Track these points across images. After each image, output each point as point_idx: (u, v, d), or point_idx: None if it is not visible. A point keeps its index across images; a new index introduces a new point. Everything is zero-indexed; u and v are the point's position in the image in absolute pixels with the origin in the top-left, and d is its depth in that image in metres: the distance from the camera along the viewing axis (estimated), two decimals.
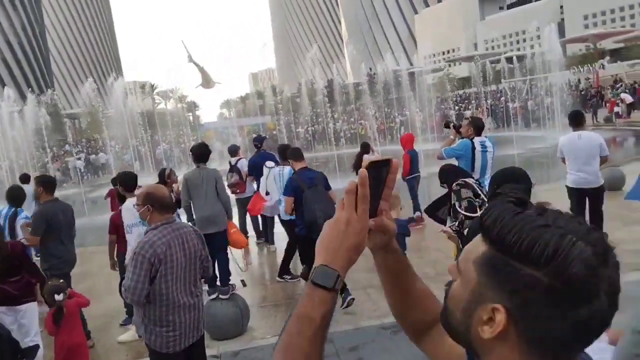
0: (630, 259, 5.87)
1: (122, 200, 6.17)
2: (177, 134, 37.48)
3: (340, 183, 14.47)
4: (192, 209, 6.41)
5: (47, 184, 5.67)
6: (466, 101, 43.80)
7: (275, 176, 7.16)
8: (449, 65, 76.33)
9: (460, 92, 56.73)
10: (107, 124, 29.24)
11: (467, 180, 3.92)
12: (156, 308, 3.25)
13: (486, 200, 3.76)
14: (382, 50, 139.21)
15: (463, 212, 3.81)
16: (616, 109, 26.29)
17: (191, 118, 65.79)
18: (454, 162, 5.92)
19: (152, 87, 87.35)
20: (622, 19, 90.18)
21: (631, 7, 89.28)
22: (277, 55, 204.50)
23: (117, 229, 5.70)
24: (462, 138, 6.14)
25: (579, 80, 42.50)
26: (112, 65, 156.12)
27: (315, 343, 0.85)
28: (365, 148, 9.32)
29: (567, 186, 6.51)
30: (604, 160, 6.38)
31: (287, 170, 6.86)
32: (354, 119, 37.70)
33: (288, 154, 6.37)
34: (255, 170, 8.22)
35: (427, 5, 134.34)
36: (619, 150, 12.16)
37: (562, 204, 9.24)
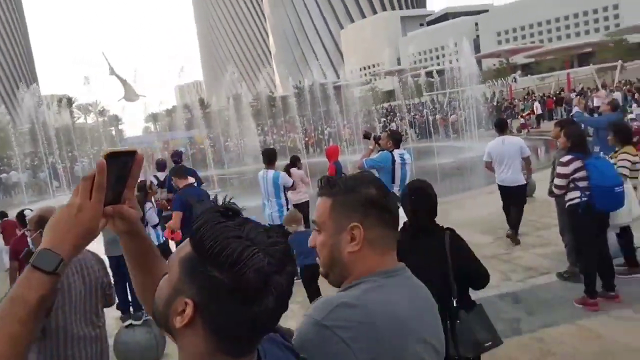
0: (539, 263, 6.18)
1: (24, 223, 5.75)
2: (98, 149, 35.72)
3: None
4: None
5: None
6: (391, 114, 45.10)
7: (259, 180, 7.25)
8: (375, 79, 78.57)
9: (386, 105, 58.39)
10: (20, 140, 27.33)
11: None
12: (53, 343, 2.96)
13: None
14: (310, 63, 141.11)
15: None
16: (522, 120, 28.14)
17: (114, 132, 63.14)
18: (375, 173, 6.06)
19: (70, 100, 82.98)
20: (532, 35, 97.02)
21: (539, 24, 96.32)
22: (204, 67, 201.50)
23: (18, 255, 5.30)
24: (381, 150, 6.23)
25: (494, 93, 45.02)
26: (27, 77, 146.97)
27: (28, 325, 0.86)
28: (294, 161, 9.13)
29: (498, 184, 7.39)
30: (527, 160, 7.30)
31: (270, 174, 7.05)
32: (284, 132, 37.70)
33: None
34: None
35: (352, 20, 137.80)
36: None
37: (482, 208, 9.63)
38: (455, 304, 2.52)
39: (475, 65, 32.69)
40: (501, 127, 7.45)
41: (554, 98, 32.58)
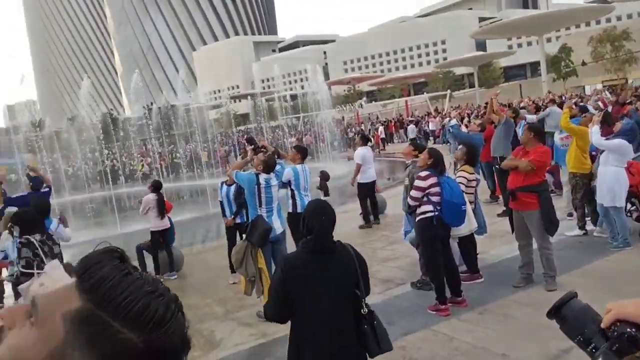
0: (395, 275, 6.60)
1: None
2: None
3: (121, 227, 13.28)
4: None
5: None
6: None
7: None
8: (232, 102, 78.38)
9: (242, 127, 58.52)
10: None
11: (29, 237, 4.01)
12: None
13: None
14: (161, 85, 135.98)
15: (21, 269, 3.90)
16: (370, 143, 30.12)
17: None
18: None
19: None
20: (374, 65, 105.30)
21: (380, 55, 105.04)
22: (38, 86, 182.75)
23: None
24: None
25: (343, 117, 47.77)
26: None
27: None
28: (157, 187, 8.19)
29: (363, 182, 9.49)
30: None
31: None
32: (135, 155, 35.58)
33: None
34: None
35: (205, 43, 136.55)
36: (379, 178, 13.97)
37: (341, 226, 10.01)
38: (366, 308, 2.68)
39: (326, 91, 34.37)
40: (366, 140, 10.32)
41: (397, 122, 35.50)
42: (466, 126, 13.52)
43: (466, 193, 5.84)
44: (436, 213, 5.05)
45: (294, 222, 7.11)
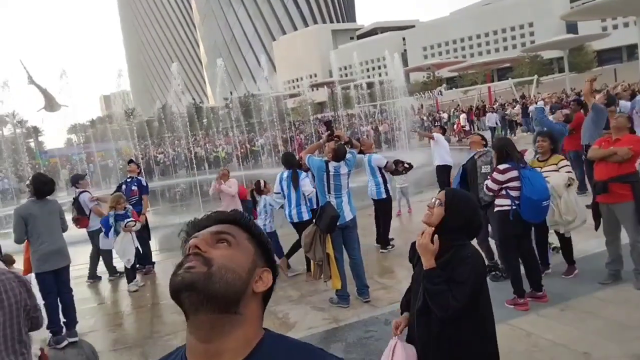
0: None
1: None
2: (15, 162, 33.48)
3: (204, 210, 13.98)
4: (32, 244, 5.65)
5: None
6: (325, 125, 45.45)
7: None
8: (311, 90, 79.07)
9: (319, 115, 59.03)
10: None
11: None
12: None
13: None
14: (242, 74, 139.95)
15: None
16: (465, 127, 29.09)
17: (33, 145, 59.45)
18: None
19: None
20: (455, 50, 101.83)
21: (462, 40, 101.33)
22: (131, 77, 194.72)
23: None
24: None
25: (421, 105, 46.69)
26: None
27: None
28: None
29: (438, 165, 10.14)
30: None
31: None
32: (218, 143, 37.11)
33: None
34: None
35: (284, 33, 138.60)
36: (456, 168, 13.65)
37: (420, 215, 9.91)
38: None
39: (403, 79, 33.76)
40: (443, 130, 11.07)
41: (480, 109, 34.06)
42: (552, 113, 12.76)
43: None
44: (514, 207, 4.86)
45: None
